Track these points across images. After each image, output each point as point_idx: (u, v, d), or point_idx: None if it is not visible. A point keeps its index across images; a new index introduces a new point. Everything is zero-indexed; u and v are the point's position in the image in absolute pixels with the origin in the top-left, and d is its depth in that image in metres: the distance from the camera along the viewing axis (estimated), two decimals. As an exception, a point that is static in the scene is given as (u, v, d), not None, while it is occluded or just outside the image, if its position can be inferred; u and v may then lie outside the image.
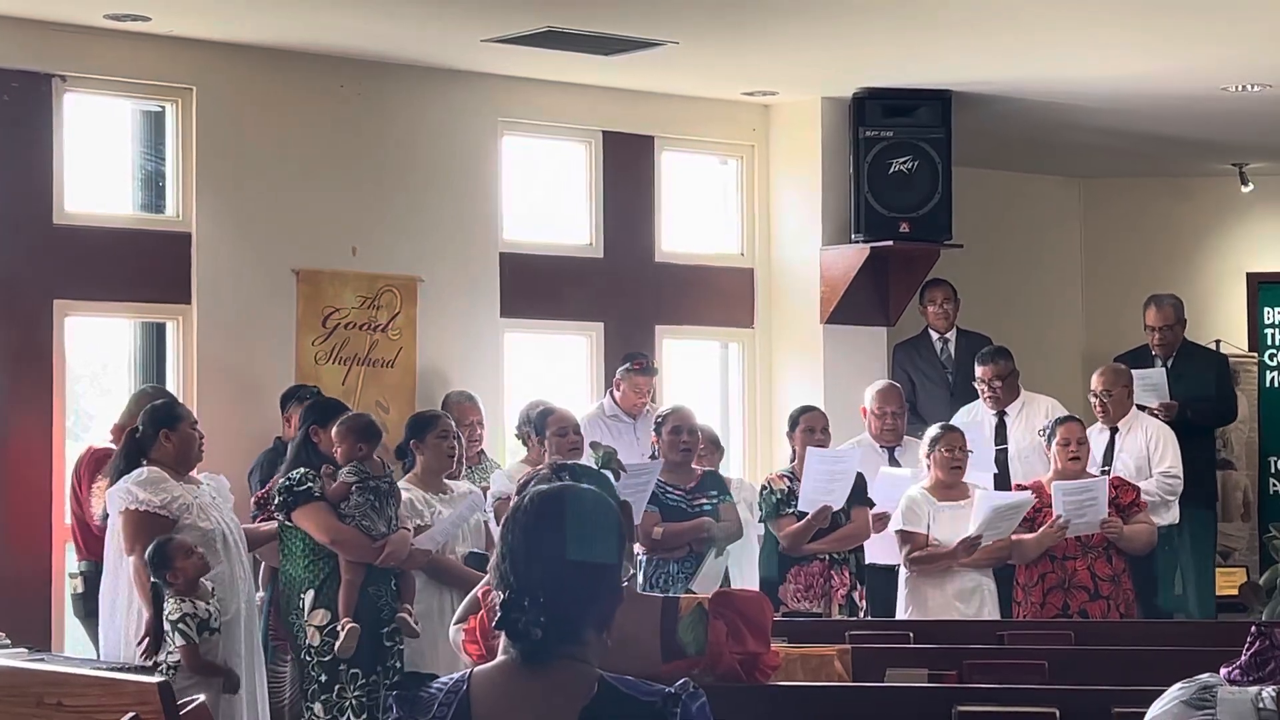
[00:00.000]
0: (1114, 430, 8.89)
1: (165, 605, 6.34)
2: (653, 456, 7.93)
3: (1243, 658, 2.59)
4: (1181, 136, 10.92)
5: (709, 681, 4.04)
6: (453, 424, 7.43)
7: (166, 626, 6.35)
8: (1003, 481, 8.75)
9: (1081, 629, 6.94)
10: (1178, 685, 2.38)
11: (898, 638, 6.53)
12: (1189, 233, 12.41)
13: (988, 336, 9.97)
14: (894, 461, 8.66)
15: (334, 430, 6.85)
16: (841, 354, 10.01)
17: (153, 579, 6.38)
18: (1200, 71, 9.16)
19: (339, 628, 6.64)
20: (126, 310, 8.53)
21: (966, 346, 9.94)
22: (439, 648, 6.68)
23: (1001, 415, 9.17)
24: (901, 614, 7.91)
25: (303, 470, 6.81)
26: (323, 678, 6.69)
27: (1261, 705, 2.30)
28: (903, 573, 8.00)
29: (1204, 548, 9.77)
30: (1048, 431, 8.17)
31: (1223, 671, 2.65)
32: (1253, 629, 2.55)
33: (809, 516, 7.79)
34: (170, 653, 6.34)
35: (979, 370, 9.17)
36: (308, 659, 6.74)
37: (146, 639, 6.44)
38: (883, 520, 8.02)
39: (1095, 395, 8.91)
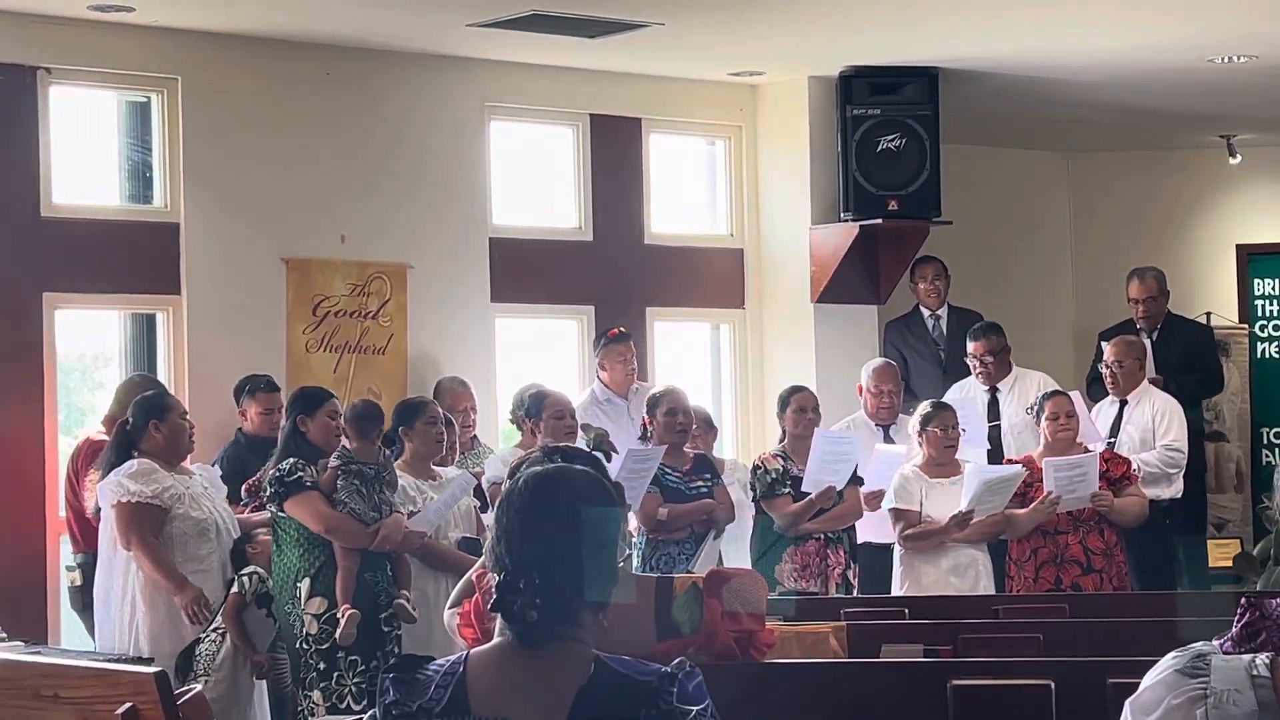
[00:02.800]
0: (1124, 402, 8.90)
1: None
2: (642, 437, 7.94)
3: (1233, 629, 2.59)
4: (1169, 109, 10.92)
5: (704, 660, 4.05)
6: (440, 410, 7.43)
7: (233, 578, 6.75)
8: (996, 457, 8.76)
9: (1076, 602, 6.96)
10: (1171, 654, 2.38)
11: (893, 614, 6.55)
12: (1178, 205, 12.42)
13: (979, 312, 9.98)
14: (889, 439, 8.66)
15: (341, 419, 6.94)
16: (832, 333, 10.01)
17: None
18: (1187, 43, 9.15)
19: (339, 615, 6.65)
20: (116, 302, 8.53)
21: (958, 323, 9.94)
22: (435, 632, 6.68)
23: (994, 391, 9.17)
24: (897, 591, 7.92)
25: (293, 460, 6.81)
26: (321, 665, 6.70)
27: (1255, 672, 2.30)
28: (897, 550, 8.02)
29: (1194, 520, 9.78)
30: (1036, 407, 8.18)
31: (1214, 644, 2.65)
32: (1242, 601, 2.56)
33: (812, 495, 7.79)
34: (206, 643, 6.49)
35: (970, 346, 9.18)
36: (305, 647, 6.75)
37: (194, 609, 6.60)
38: (878, 498, 8.02)
39: (1107, 366, 8.92)
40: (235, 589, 6.71)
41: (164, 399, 6.97)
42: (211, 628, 6.69)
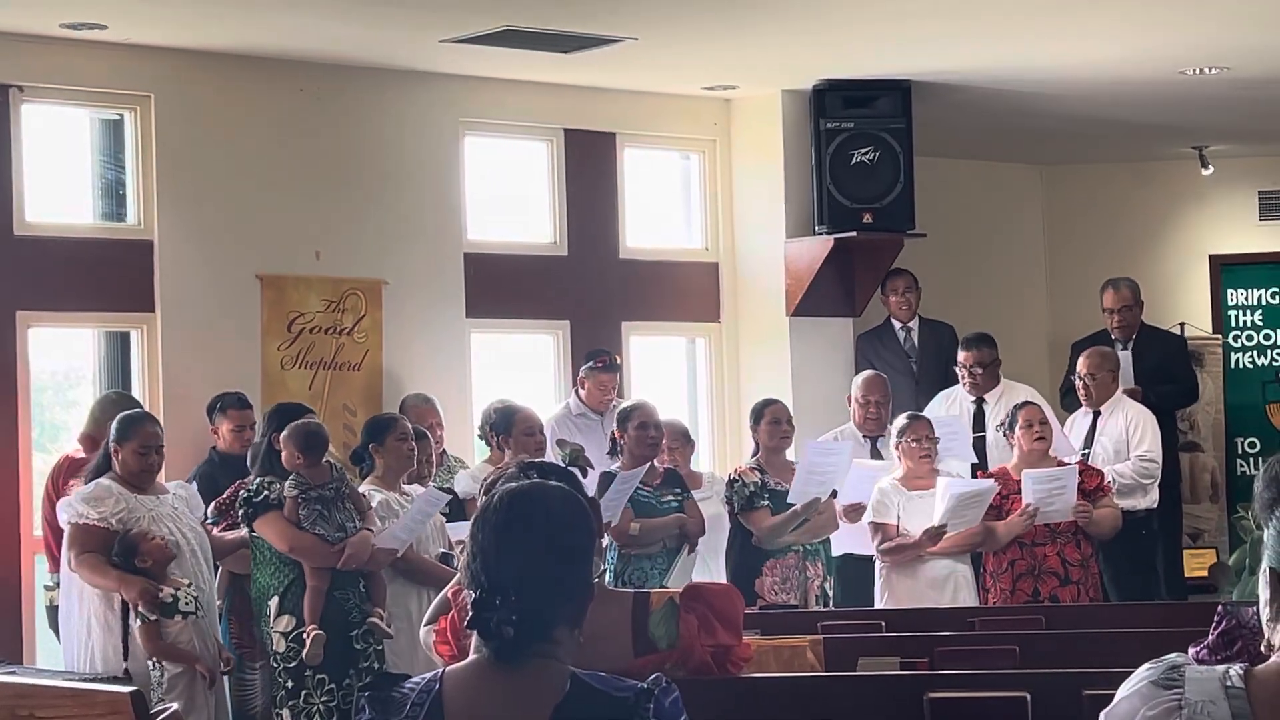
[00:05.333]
0: (1097, 414, 8.92)
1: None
2: (611, 452, 7.93)
3: (1210, 638, 2.60)
4: (1141, 121, 10.97)
5: (681, 675, 4.04)
6: (410, 425, 7.41)
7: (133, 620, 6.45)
8: (979, 468, 8.77)
9: (1052, 614, 6.97)
10: (1146, 666, 2.39)
11: (870, 627, 6.55)
12: (1151, 216, 12.47)
13: (951, 325, 10.01)
14: (876, 451, 8.69)
15: (281, 437, 6.84)
16: (808, 346, 10.02)
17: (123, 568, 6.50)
18: (1159, 55, 9.19)
19: (304, 635, 6.63)
20: (90, 320, 8.50)
21: (929, 335, 9.98)
22: (417, 648, 6.66)
23: (980, 402, 9.19)
24: (878, 604, 7.93)
25: (259, 479, 6.79)
26: (289, 684, 6.68)
27: (1229, 683, 2.31)
28: (878, 563, 8.02)
29: (1170, 530, 9.81)
30: (1009, 419, 8.18)
31: (1191, 652, 2.66)
32: (1219, 609, 2.57)
33: (797, 507, 7.79)
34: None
35: (961, 355, 9.21)
36: (275, 665, 6.73)
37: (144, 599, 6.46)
38: (858, 510, 8.02)
39: (1080, 378, 8.95)
40: (140, 623, 6.46)
41: (134, 421, 6.92)
42: (147, 658, 6.53)
